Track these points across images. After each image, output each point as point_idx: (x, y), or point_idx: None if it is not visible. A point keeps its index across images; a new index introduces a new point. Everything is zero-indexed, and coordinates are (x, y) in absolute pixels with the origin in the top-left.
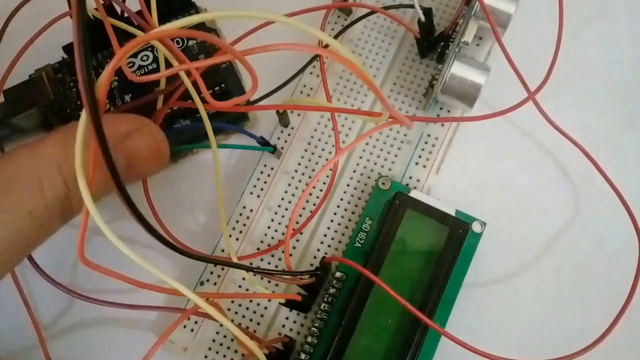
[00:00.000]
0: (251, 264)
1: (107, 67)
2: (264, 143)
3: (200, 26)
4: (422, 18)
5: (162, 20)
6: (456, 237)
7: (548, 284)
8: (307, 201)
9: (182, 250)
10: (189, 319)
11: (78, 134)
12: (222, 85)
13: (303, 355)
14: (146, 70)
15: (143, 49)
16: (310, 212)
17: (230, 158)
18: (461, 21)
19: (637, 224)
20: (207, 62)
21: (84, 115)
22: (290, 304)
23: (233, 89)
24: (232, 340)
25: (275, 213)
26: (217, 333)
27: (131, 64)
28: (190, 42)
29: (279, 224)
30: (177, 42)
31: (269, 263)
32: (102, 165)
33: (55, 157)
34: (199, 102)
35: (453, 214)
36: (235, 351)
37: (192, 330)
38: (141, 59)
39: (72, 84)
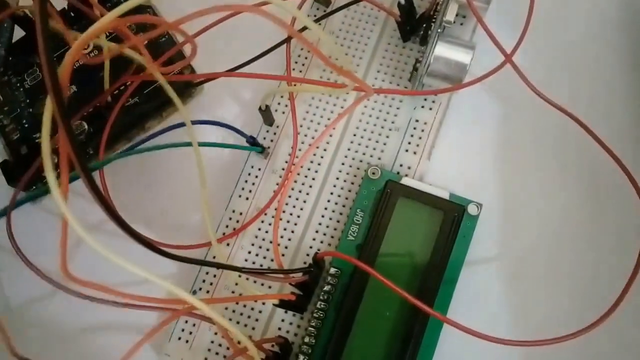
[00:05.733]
0: (246, 261)
1: (65, 58)
2: (253, 143)
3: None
4: (402, 0)
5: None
6: (451, 220)
7: (550, 260)
8: (296, 199)
9: (169, 254)
10: (185, 321)
11: (44, 127)
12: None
13: (301, 357)
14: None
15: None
16: (301, 209)
17: (217, 159)
18: (441, 0)
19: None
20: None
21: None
22: (284, 304)
23: (175, 60)
24: (227, 348)
25: (265, 214)
26: (212, 342)
27: None
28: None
29: (269, 224)
30: None
31: (261, 265)
32: None
33: None
34: (154, 68)
35: (447, 198)
36: None
37: (187, 341)
38: None
39: (18, 85)
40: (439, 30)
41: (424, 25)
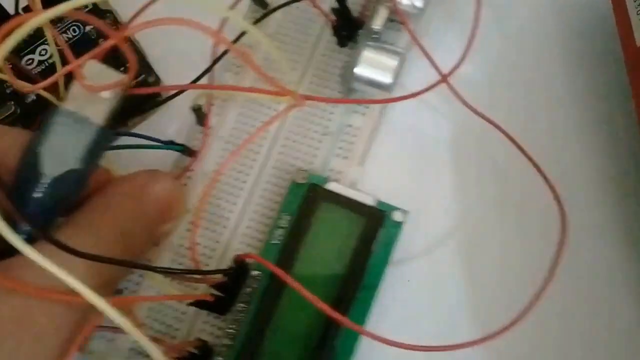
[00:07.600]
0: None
1: None
2: (171, 143)
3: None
4: (335, 4)
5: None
6: (373, 227)
7: (475, 264)
8: (227, 201)
9: (80, 252)
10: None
11: None
12: (127, 66)
13: (219, 359)
14: (46, 64)
15: (41, 43)
16: (230, 212)
17: (137, 161)
18: (372, 6)
19: (559, 198)
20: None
21: None
22: (201, 304)
23: (140, 68)
24: None
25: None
26: (135, 341)
27: (30, 61)
28: (88, 28)
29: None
30: (74, 30)
31: (180, 264)
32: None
33: None
34: None
35: (373, 204)
36: None
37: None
38: (40, 54)
39: None
40: (374, 35)
41: (360, 30)
